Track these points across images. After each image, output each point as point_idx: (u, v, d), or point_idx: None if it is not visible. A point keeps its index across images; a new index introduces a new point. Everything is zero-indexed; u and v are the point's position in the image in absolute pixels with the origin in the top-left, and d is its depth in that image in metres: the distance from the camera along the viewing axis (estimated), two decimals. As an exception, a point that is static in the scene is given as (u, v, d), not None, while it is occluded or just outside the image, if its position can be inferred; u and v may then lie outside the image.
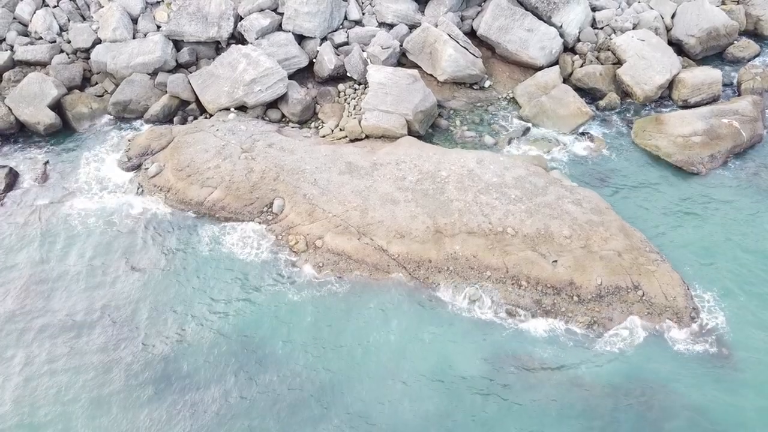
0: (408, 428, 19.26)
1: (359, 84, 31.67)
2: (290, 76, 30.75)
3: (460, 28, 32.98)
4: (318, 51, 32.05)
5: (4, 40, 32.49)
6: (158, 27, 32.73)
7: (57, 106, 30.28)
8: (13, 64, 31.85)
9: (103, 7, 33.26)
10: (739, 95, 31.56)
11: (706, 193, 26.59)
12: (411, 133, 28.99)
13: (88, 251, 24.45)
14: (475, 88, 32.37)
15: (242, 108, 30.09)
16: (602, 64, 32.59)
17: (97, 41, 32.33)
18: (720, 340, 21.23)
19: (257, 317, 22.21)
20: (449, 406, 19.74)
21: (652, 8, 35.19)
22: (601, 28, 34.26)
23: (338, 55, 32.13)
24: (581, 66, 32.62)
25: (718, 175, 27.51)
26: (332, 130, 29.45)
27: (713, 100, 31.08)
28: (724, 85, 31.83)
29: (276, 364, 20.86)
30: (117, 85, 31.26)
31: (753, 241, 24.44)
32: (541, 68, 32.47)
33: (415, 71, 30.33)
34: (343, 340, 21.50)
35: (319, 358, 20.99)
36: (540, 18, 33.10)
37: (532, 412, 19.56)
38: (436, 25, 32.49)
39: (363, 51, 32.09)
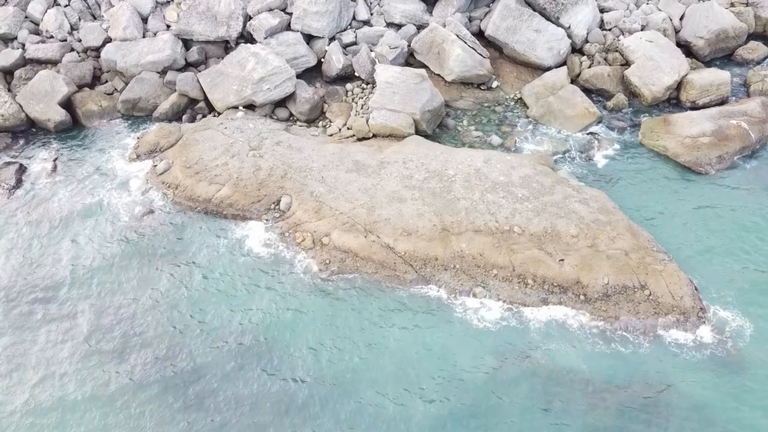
0: (412, 428, 19.26)
1: (367, 83, 31.79)
2: (298, 76, 30.90)
3: (468, 29, 33.06)
4: (326, 50, 32.22)
5: (16, 38, 32.86)
6: (168, 26, 33.02)
7: (67, 104, 30.57)
8: (25, 62, 32.20)
9: (113, 6, 33.59)
10: (748, 97, 31.46)
11: (713, 194, 26.48)
12: (418, 132, 29.05)
13: (93, 246, 24.60)
14: (482, 88, 32.41)
15: (250, 106, 30.25)
16: (610, 65, 32.54)
17: (108, 40, 32.65)
18: (727, 340, 21.11)
19: (262, 314, 22.24)
20: (454, 405, 19.68)
21: (660, 10, 35.11)
22: (609, 30, 34.21)
23: (346, 54, 32.26)
24: (589, 67, 32.59)
25: (725, 176, 27.40)
26: (340, 129, 29.56)
27: (722, 101, 30.96)
28: (733, 86, 31.70)
29: (279, 362, 20.86)
30: (127, 84, 31.48)
31: (760, 242, 24.32)
32: (548, 69, 32.46)
33: (422, 71, 30.40)
34: (348, 338, 21.50)
35: (323, 357, 20.99)
36: (548, 19, 33.12)
37: (537, 410, 19.50)
38: (444, 26, 32.58)
39: (371, 51, 32.20)
